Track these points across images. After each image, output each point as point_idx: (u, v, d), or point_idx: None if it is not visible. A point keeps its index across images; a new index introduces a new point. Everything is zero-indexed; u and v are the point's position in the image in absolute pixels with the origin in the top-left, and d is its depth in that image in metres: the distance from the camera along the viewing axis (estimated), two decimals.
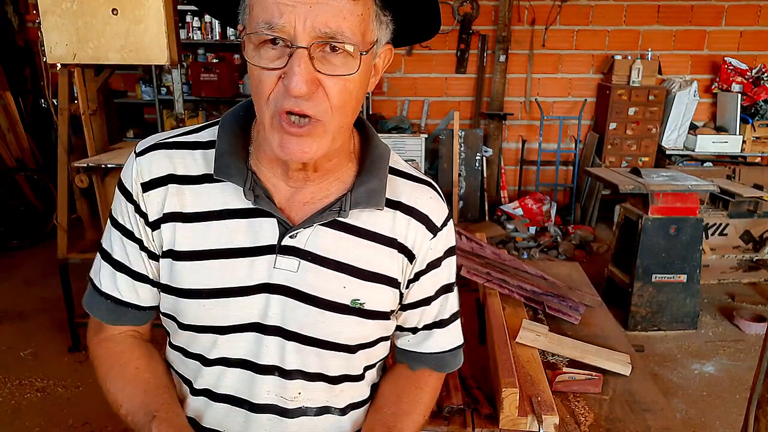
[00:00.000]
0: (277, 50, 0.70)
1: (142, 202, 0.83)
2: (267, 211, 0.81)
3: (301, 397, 0.85)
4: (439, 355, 0.95)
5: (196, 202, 0.82)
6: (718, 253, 3.93)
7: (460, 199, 5.65)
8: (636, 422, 1.35)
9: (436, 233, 0.88)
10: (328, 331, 0.83)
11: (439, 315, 0.94)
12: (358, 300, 0.83)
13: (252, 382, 0.85)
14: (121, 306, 0.87)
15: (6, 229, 4.74)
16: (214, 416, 0.87)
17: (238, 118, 0.85)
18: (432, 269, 0.90)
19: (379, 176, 0.84)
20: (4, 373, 3.03)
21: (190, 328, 0.84)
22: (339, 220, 0.83)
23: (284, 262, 0.81)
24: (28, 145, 5.24)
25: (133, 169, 0.83)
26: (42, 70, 5.22)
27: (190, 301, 0.82)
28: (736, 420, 2.76)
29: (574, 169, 5.81)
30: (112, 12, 2.80)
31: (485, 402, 1.38)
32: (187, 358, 0.88)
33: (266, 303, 0.82)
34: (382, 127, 5.61)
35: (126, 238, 0.85)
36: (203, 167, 0.83)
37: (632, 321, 3.60)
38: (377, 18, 0.74)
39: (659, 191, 3.43)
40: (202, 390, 0.87)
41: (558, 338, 1.64)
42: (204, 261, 0.81)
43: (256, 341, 0.83)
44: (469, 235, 2.05)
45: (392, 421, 0.90)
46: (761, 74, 5.43)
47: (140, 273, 0.86)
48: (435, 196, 0.90)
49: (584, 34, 5.68)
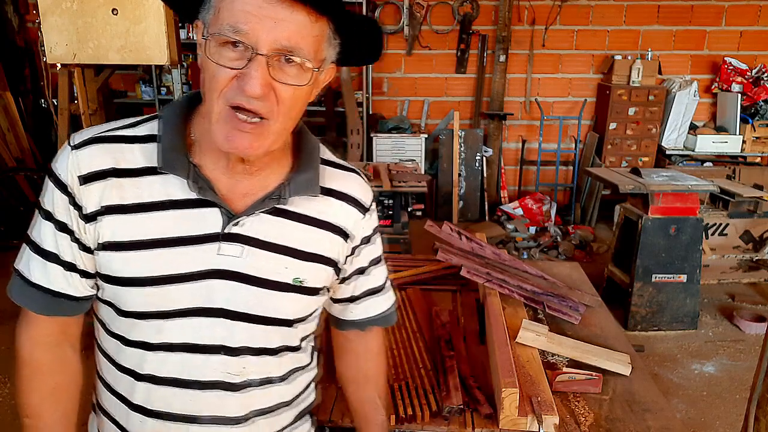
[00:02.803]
0: (237, 52, 0.77)
1: (79, 195, 0.85)
2: (210, 201, 0.86)
3: (246, 371, 0.91)
4: (383, 314, 1.10)
5: (138, 194, 0.85)
6: (718, 253, 3.93)
7: (460, 199, 5.65)
8: (636, 422, 1.35)
9: (366, 213, 0.99)
10: (272, 308, 0.90)
11: (376, 282, 1.07)
12: (298, 278, 0.91)
13: (198, 363, 0.89)
14: (54, 297, 0.89)
15: (6, 229, 4.74)
16: (161, 398, 0.91)
17: (179, 113, 0.90)
18: (365, 244, 1.01)
19: (313, 167, 0.93)
20: (4, 373, 3.03)
21: (131, 315, 0.87)
22: (279, 208, 0.90)
23: (228, 249, 0.87)
24: (28, 145, 5.24)
25: (69, 162, 0.85)
26: (42, 70, 5.23)
27: (132, 288, 0.85)
28: (736, 420, 2.76)
29: (574, 169, 5.81)
30: (112, 12, 2.80)
31: (485, 402, 1.38)
32: (128, 347, 0.90)
33: (212, 288, 0.87)
34: (382, 127, 5.61)
35: (57, 229, 0.86)
36: (143, 161, 0.86)
37: (632, 321, 3.60)
38: (329, 40, 0.83)
39: (659, 191, 3.43)
40: (146, 375, 0.90)
41: (558, 338, 1.64)
42: (147, 250, 0.85)
43: (202, 324, 0.88)
44: (469, 235, 2.05)
45: (374, 393, 1.12)
46: (761, 74, 5.43)
47: (72, 263, 0.88)
48: (361, 181, 1.01)
49: (584, 34, 5.67)
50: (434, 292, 2.00)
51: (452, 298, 1.97)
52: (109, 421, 0.97)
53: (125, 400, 0.93)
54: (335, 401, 1.40)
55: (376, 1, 5.59)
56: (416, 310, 1.81)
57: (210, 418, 0.91)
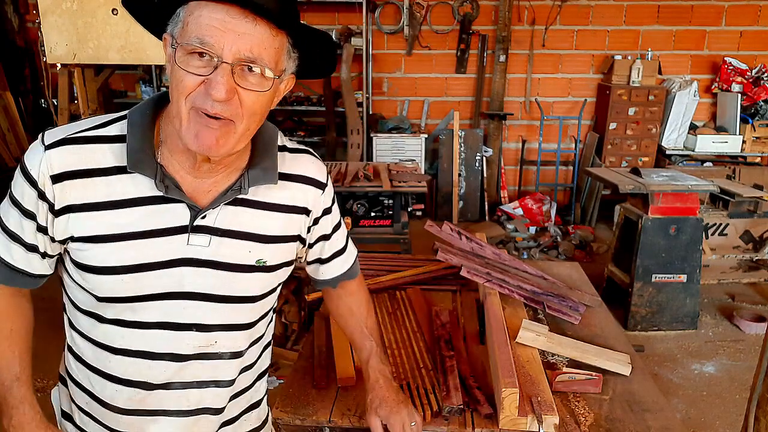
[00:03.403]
0: (203, 61, 0.84)
1: (50, 192, 0.91)
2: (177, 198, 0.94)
3: (217, 344, 1.02)
4: (348, 270, 1.24)
5: (108, 192, 0.92)
6: (718, 253, 3.93)
7: (460, 199, 5.65)
8: (636, 422, 1.35)
9: (324, 188, 1.09)
10: (238, 288, 1.00)
11: (339, 245, 1.20)
12: (261, 259, 1.01)
13: (171, 338, 0.98)
14: (13, 271, 0.98)
15: None
16: (137, 370, 0.99)
17: (145, 115, 0.95)
18: (326, 214, 1.12)
19: (270, 156, 1.00)
20: None
21: (107, 300, 0.95)
22: (241, 198, 0.98)
23: (196, 239, 0.95)
24: (28, 145, 5.23)
25: (42, 161, 0.91)
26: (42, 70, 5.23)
27: (106, 276, 0.93)
28: (736, 420, 2.77)
29: (574, 169, 5.81)
30: (112, 12, 2.81)
31: (485, 402, 1.37)
32: (103, 323, 0.98)
33: (182, 274, 0.95)
34: (382, 127, 5.61)
35: (23, 216, 0.93)
36: (113, 160, 0.92)
37: (632, 321, 3.60)
38: (288, 53, 0.91)
39: (659, 191, 3.43)
40: (121, 350, 0.98)
41: (558, 338, 1.64)
42: (119, 242, 0.92)
43: (174, 306, 0.96)
44: (469, 235, 2.05)
45: (359, 323, 1.27)
46: (761, 74, 5.43)
47: (34, 245, 0.95)
48: (314, 160, 1.10)
49: (584, 34, 5.68)
50: (434, 292, 2.00)
51: (452, 298, 1.97)
52: (81, 391, 1.05)
53: (100, 372, 1.01)
54: (335, 401, 1.40)
55: (376, 1, 5.59)
56: (416, 310, 1.81)
57: (181, 384, 1.02)
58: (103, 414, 1.04)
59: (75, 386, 1.07)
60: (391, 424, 1.21)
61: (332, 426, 1.35)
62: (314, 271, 1.22)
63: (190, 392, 1.03)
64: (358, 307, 1.29)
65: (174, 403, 1.02)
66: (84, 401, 1.06)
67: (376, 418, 1.23)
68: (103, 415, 1.04)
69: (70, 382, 1.08)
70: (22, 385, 1.02)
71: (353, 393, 1.43)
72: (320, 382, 1.46)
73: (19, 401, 1.02)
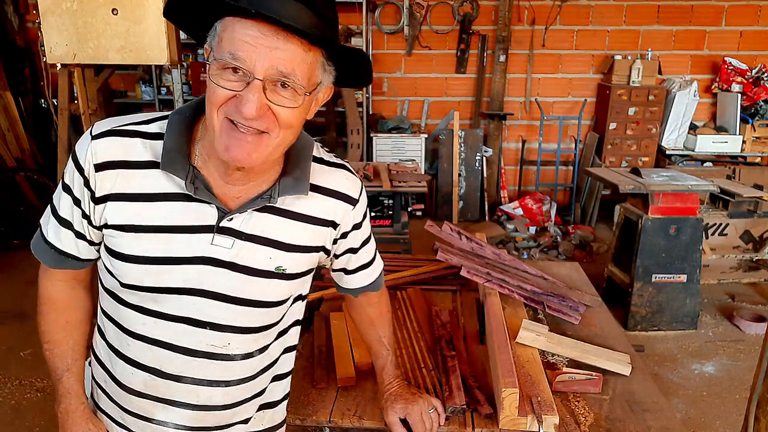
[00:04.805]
0: (236, 76, 0.85)
1: (92, 179, 0.95)
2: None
3: (231, 346, 1.04)
4: (373, 282, 1.26)
5: (142, 185, 0.95)
6: (718, 253, 3.93)
7: (460, 199, 5.65)
8: (636, 422, 1.35)
9: (355, 204, 1.10)
10: (255, 292, 1.01)
11: (366, 259, 1.21)
12: (281, 267, 1.02)
13: (187, 332, 1.00)
14: (62, 255, 1.02)
15: (6, 229, 4.74)
16: (153, 357, 1.02)
17: (185, 118, 0.98)
18: (355, 229, 1.13)
19: (302, 167, 1.01)
20: (4, 373, 3.03)
21: (130, 287, 0.98)
22: (269, 205, 0.99)
23: (221, 240, 0.97)
24: (28, 145, 5.24)
25: (89, 149, 0.95)
26: (42, 70, 5.23)
27: (131, 265, 0.97)
28: (736, 420, 2.77)
29: (574, 169, 5.81)
30: (112, 12, 2.81)
31: (485, 402, 1.38)
32: (126, 307, 1.01)
33: (202, 272, 0.98)
34: (382, 127, 5.61)
35: (73, 203, 0.98)
36: (150, 155, 0.96)
37: (632, 321, 3.60)
38: (322, 66, 0.92)
39: (659, 191, 3.43)
40: (141, 335, 1.02)
41: (558, 338, 1.64)
42: (147, 234, 0.95)
43: (192, 302, 0.99)
44: (469, 235, 2.05)
45: (378, 333, 1.31)
46: (761, 74, 5.43)
47: (81, 233, 1.00)
48: (349, 176, 1.10)
49: (584, 34, 5.68)
50: (434, 292, 2.00)
51: (452, 298, 1.97)
52: (101, 368, 1.10)
53: (119, 353, 1.05)
54: (335, 401, 1.40)
55: (376, 1, 5.59)
56: (416, 310, 1.81)
57: (193, 380, 1.04)
58: (117, 393, 1.08)
59: (96, 363, 1.12)
60: (409, 415, 1.24)
61: (332, 426, 1.35)
62: (338, 278, 1.24)
63: (200, 389, 1.05)
64: (378, 318, 1.31)
65: (184, 396, 1.05)
66: (103, 378, 1.10)
67: (394, 413, 1.26)
68: (118, 394, 1.07)
69: (93, 359, 1.13)
70: (72, 376, 1.09)
71: (353, 393, 1.43)
72: (320, 382, 1.46)
73: (67, 391, 1.09)
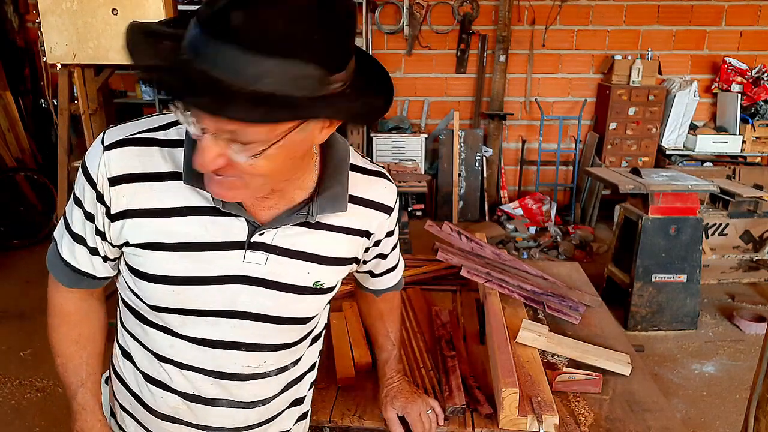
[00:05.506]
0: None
1: (107, 194, 0.86)
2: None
3: (266, 364, 0.98)
4: (395, 284, 1.25)
5: (165, 198, 0.86)
6: (718, 253, 3.93)
7: (460, 199, 5.65)
8: (636, 422, 1.35)
9: (391, 213, 1.04)
10: (292, 310, 0.96)
11: (392, 263, 1.19)
12: (319, 281, 0.96)
13: (219, 356, 0.94)
14: (78, 274, 0.95)
15: (6, 229, 4.74)
16: (183, 380, 0.96)
17: None
18: (388, 236, 1.09)
19: (341, 181, 0.92)
20: (4, 373, 3.03)
21: (156, 309, 0.91)
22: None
23: (253, 257, 0.89)
24: (28, 145, 5.24)
25: (101, 161, 0.85)
26: (42, 70, 5.23)
27: (157, 285, 0.89)
28: (736, 420, 2.77)
29: (574, 169, 5.81)
30: (112, 12, 2.81)
31: (485, 402, 1.38)
32: (153, 329, 0.95)
33: (236, 292, 0.90)
34: (382, 127, 5.61)
35: (85, 217, 0.90)
36: (171, 165, 0.86)
37: (632, 321, 3.60)
38: None
39: (659, 191, 3.43)
40: (168, 359, 0.96)
41: (558, 338, 1.64)
42: (174, 252, 0.87)
43: (225, 324, 0.92)
44: (469, 235, 2.05)
45: (386, 328, 1.29)
46: (761, 74, 5.43)
47: (95, 248, 0.92)
48: (388, 184, 1.03)
49: (584, 34, 5.68)
50: (434, 292, 2.00)
51: (452, 298, 1.97)
52: (126, 390, 1.03)
53: (148, 376, 0.99)
54: (335, 401, 1.40)
55: (376, 1, 5.59)
56: (416, 310, 1.81)
57: (229, 402, 0.98)
58: (146, 418, 1.02)
59: (120, 385, 1.05)
60: (408, 413, 1.22)
61: (332, 426, 1.35)
62: (363, 279, 1.22)
63: (236, 412, 1.00)
64: (389, 314, 1.30)
65: (218, 420, 1.00)
66: (128, 402, 1.04)
67: (392, 410, 1.24)
68: (147, 419, 1.02)
69: (115, 379, 1.06)
70: (87, 391, 1.02)
71: (353, 393, 1.43)
72: (320, 382, 1.46)
73: (82, 407, 1.03)
